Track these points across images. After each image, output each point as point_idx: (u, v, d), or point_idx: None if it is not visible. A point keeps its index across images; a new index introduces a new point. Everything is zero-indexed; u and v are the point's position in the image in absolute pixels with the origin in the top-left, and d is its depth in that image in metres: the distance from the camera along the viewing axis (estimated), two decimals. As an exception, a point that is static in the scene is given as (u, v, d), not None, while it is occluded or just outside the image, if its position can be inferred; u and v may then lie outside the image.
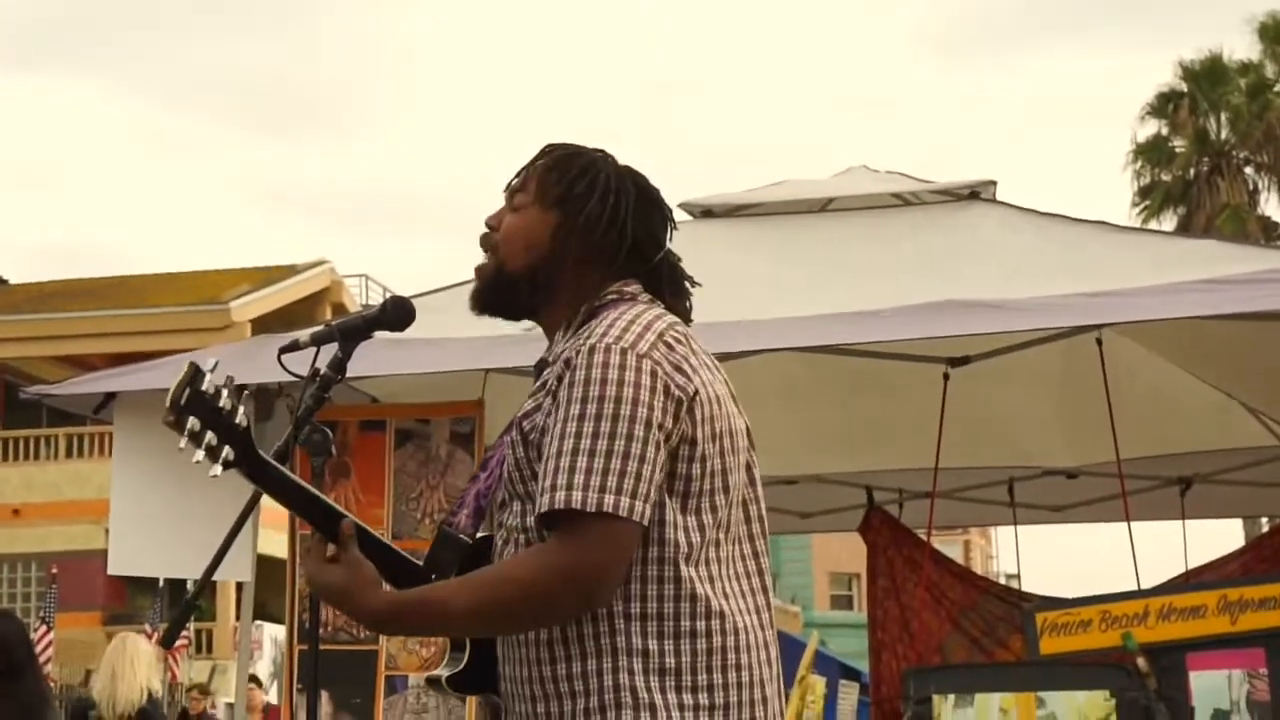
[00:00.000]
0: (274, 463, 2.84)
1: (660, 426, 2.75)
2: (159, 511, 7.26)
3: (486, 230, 3.06)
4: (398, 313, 3.11)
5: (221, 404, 2.80)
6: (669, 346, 2.82)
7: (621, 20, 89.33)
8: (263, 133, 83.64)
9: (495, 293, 3.04)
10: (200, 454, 2.79)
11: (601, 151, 3.08)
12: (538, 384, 2.91)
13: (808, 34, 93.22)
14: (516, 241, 3.01)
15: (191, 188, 74.78)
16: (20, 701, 7.23)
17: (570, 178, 3.00)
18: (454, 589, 2.80)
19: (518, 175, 3.07)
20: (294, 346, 3.07)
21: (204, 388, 2.79)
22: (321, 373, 3.00)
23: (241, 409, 2.82)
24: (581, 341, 2.81)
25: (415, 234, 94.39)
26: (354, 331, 3.05)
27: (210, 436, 2.78)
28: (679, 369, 2.81)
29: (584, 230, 2.97)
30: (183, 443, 2.78)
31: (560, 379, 2.80)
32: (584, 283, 2.98)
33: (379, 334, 3.11)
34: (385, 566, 2.87)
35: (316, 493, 2.86)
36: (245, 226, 79.17)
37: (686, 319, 3.01)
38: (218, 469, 2.79)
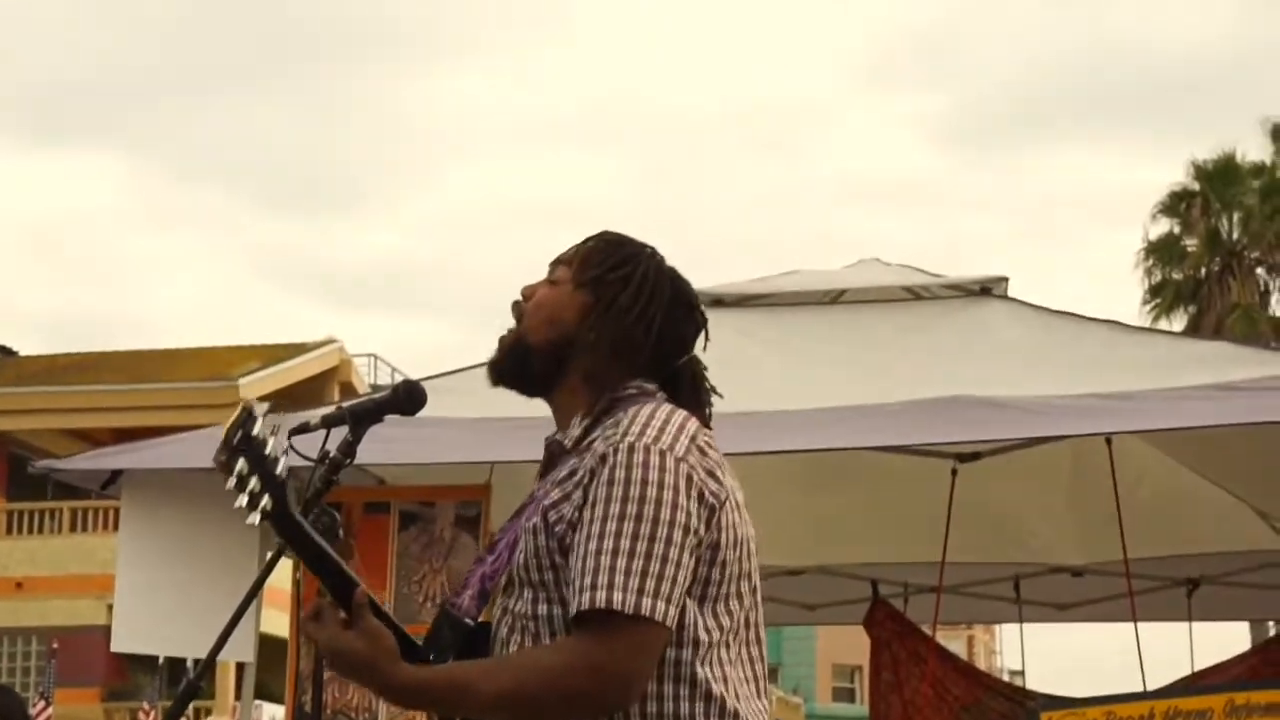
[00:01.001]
0: (303, 522, 2.84)
1: (695, 533, 2.75)
2: (163, 589, 7.24)
3: (520, 298, 3.07)
4: (409, 397, 3.10)
5: (268, 451, 2.79)
6: (701, 452, 2.83)
7: (630, 103, 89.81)
8: (275, 209, 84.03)
9: (512, 362, 3.04)
10: (243, 499, 2.78)
11: (650, 247, 3.09)
12: (564, 473, 2.88)
13: (812, 123, 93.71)
14: (543, 314, 3.01)
15: (202, 262, 75.05)
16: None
17: (610, 264, 3.01)
18: (481, 671, 2.78)
19: (565, 251, 3.08)
20: (304, 429, 3.07)
21: (255, 432, 2.79)
22: (331, 455, 3.00)
23: (283, 460, 2.82)
24: (618, 438, 2.80)
25: (425, 314, 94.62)
26: (365, 415, 3.05)
27: (254, 483, 2.78)
28: (711, 474, 2.81)
29: (612, 318, 2.97)
30: (231, 483, 2.77)
31: (593, 474, 2.79)
32: (602, 370, 2.97)
33: (389, 416, 3.11)
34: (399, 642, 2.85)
35: (336, 557, 2.85)
36: (255, 303, 79.37)
37: (705, 426, 2.99)
38: (255, 517, 2.78)
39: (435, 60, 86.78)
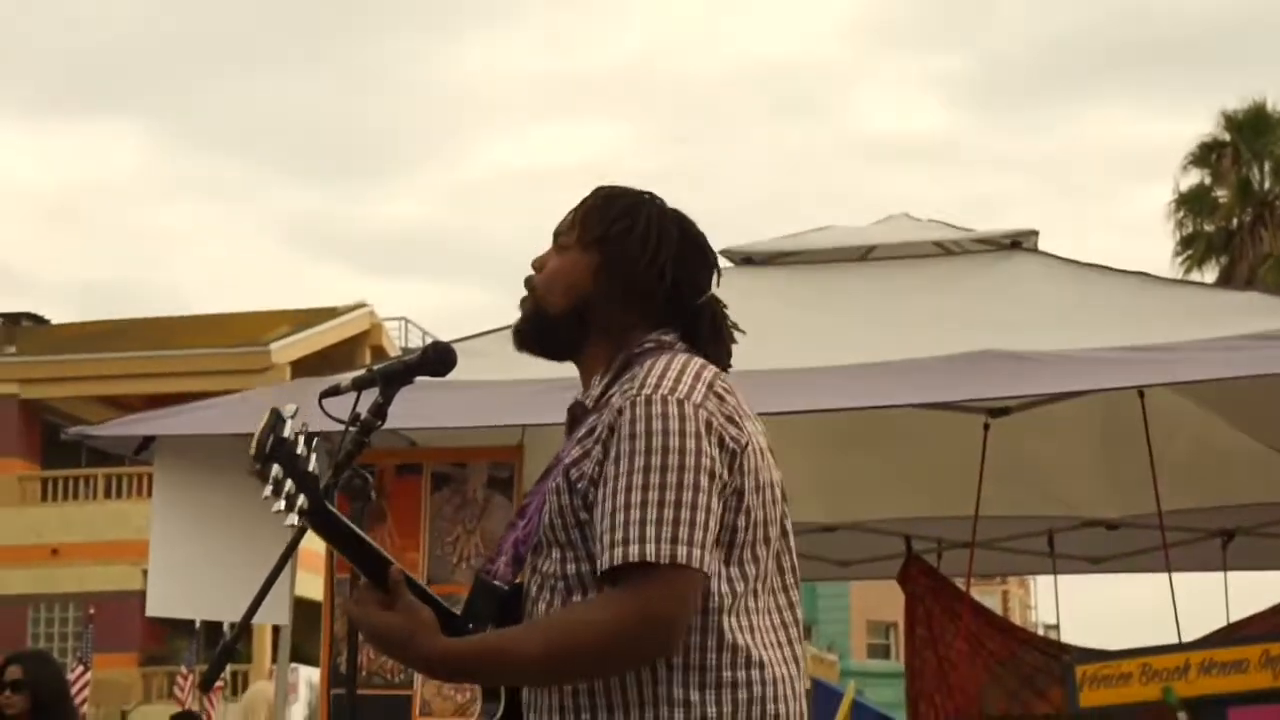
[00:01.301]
0: (338, 513, 2.84)
1: (718, 476, 2.75)
2: (197, 554, 7.27)
3: (531, 272, 3.07)
4: (439, 358, 3.10)
5: (299, 451, 2.80)
6: (720, 398, 2.82)
7: (653, 67, 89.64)
8: (304, 175, 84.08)
9: (536, 332, 3.05)
10: (280, 504, 2.78)
11: (648, 194, 3.08)
12: (583, 431, 2.89)
13: (843, 81, 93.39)
14: (557, 282, 3.01)
15: (232, 229, 75.18)
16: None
17: (611, 218, 3.01)
18: (522, 634, 2.79)
19: (565, 218, 3.08)
20: (335, 391, 3.07)
21: (285, 435, 2.80)
22: (362, 418, 3.00)
23: (314, 457, 2.82)
24: (634, 391, 2.79)
25: (456, 277, 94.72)
26: (395, 376, 3.04)
27: (289, 485, 2.78)
28: (731, 420, 2.81)
29: (623, 271, 2.97)
30: (267, 491, 2.78)
31: (613, 429, 2.79)
32: (623, 324, 2.98)
33: (419, 378, 3.11)
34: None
35: (370, 540, 2.85)
36: (285, 268, 79.52)
37: (725, 368, 2.99)
38: (294, 518, 2.79)
39: (460, 27, 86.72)
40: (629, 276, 2.97)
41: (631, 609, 2.68)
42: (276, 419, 2.81)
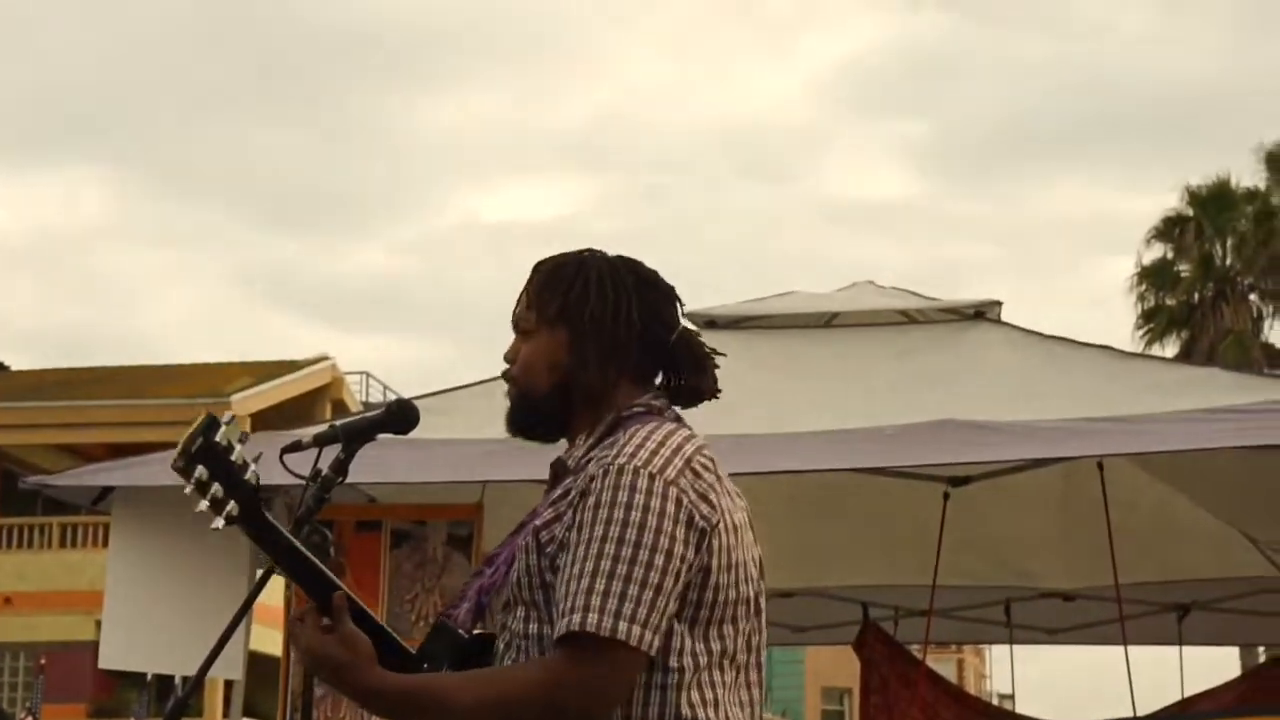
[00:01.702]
0: (278, 525, 2.82)
1: (682, 558, 2.73)
2: (152, 606, 7.23)
3: (506, 366, 3.06)
4: (402, 416, 3.10)
5: (233, 458, 2.78)
6: (695, 474, 2.80)
7: (620, 127, 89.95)
8: (266, 227, 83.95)
9: (527, 417, 3.03)
10: (204, 504, 2.76)
11: (588, 251, 3.07)
12: (558, 493, 2.88)
13: (810, 145, 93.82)
14: (537, 367, 2.99)
15: (196, 278, 74.97)
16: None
17: (563, 286, 2.99)
18: (458, 683, 2.78)
19: (518, 304, 3.06)
20: (296, 447, 3.06)
21: (217, 439, 2.77)
22: (323, 474, 2.99)
23: (253, 466, 2.80)
24: (609, 460, 2.78)
25: (419, 332, 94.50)
26: (357, 433, 3.04)
27: (217, 489, 2.75)
28: (704, 498, 2.79)
29: (594, 336, 2.95)
30: (188, 489, 2.75)
31: (584, 494, 2.78)
32: (606, 384, 2.96)
33: (381, 435, 3.11)
34: (383, 648, 2.84)
35: (315, 561, 2.83)
36: (248, 319, 79.29)
37: (713, 396, 3.00)
38: (220, 522, 2.76)
39: (428, 82, 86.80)
40: (600, 337, 2.95)
41: (564, 678, 2.68)
42: (209, 422, 2.78)
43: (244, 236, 77.44)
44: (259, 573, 2.90)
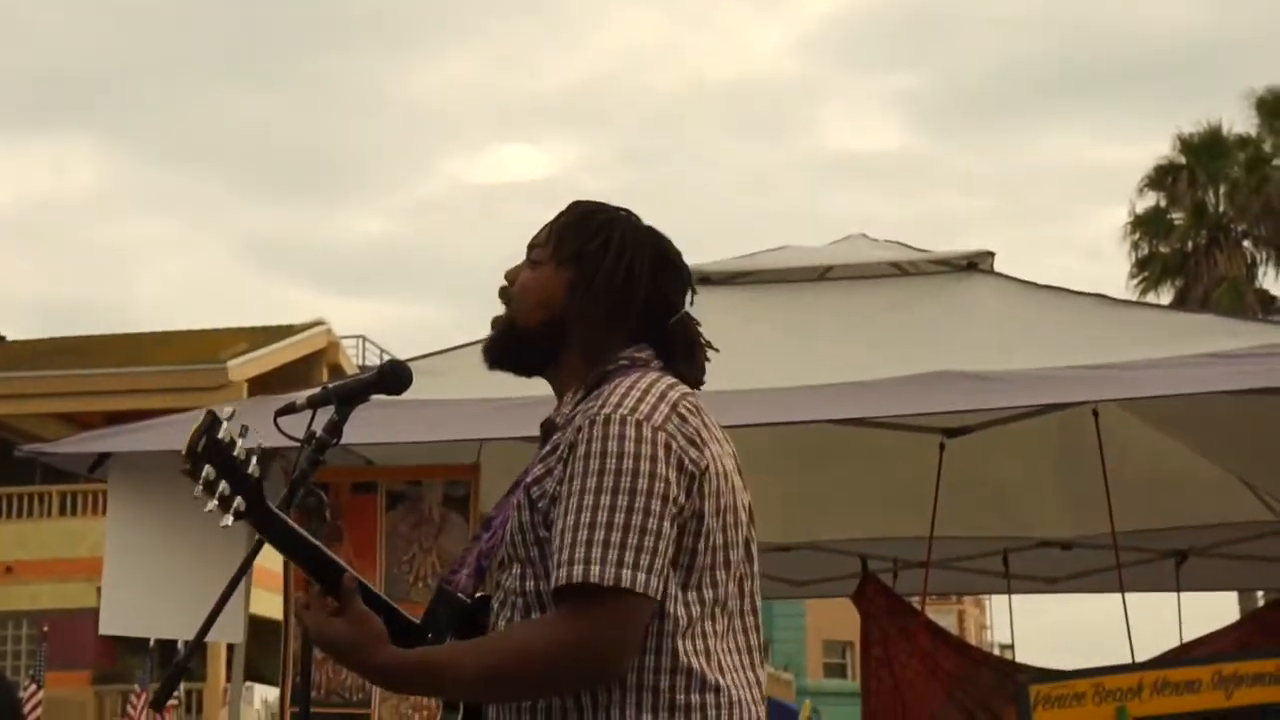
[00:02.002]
0: (282, 515, 2.83)
1: (674, 501, 2.73)
2: (152, 572, 7.24)
3: (504, 284, 3.07)
4: (395, 377, 3.10)
5: (236, 453, 2.78)
6: (682, 418, 2.81)
7: (612, 86, 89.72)
8: (260, 194, 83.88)
9: (507, 347, 3.04)
10: (213, 503, 2.76)
11: (624, 210, 3.08)
12: (547, 449, 2.89)
13: (803, 100, 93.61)
14: (531, 298, 3.00)
15: (190, 246, 74.91)
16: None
17: (586, 234, 3.00)
18: (464, 653, 2.78)
19: (539, 232, 3.07)
20: (290, 409, 3.06)
21: (220, 436, 2.78)
22: (317, 436, 2.99)
23: (254, 460, 2.81)
24: (595, 411, 2.79)
25: (413, 295, 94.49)
26: (351, 395, 3.04)
27: (224, 486, 2.76)
28: (692, 442, 2.79)
29: (598, 288, 2.96)
30: (197, 491, 2.75)
31: (572, 447, 2.78)
32: (596, 342, 2.97)
33: (376, 396, 3.11)
34: (385, 622, 2.85)
35: (320, 546, 2.85)
36: (243, 286, 79.25)
37: (698, 385, 3.00)
38: (229, 519, 2.77)
39: (420, 45, 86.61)
40: (604, 293, 2.96)
41: (572, 633, 2.68)
42: (212, 420, 2.79)
43: (236, 204, 77.36)
44: (256, 536, 2.91)
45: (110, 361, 34.19)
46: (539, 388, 3.11)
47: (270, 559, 2.90)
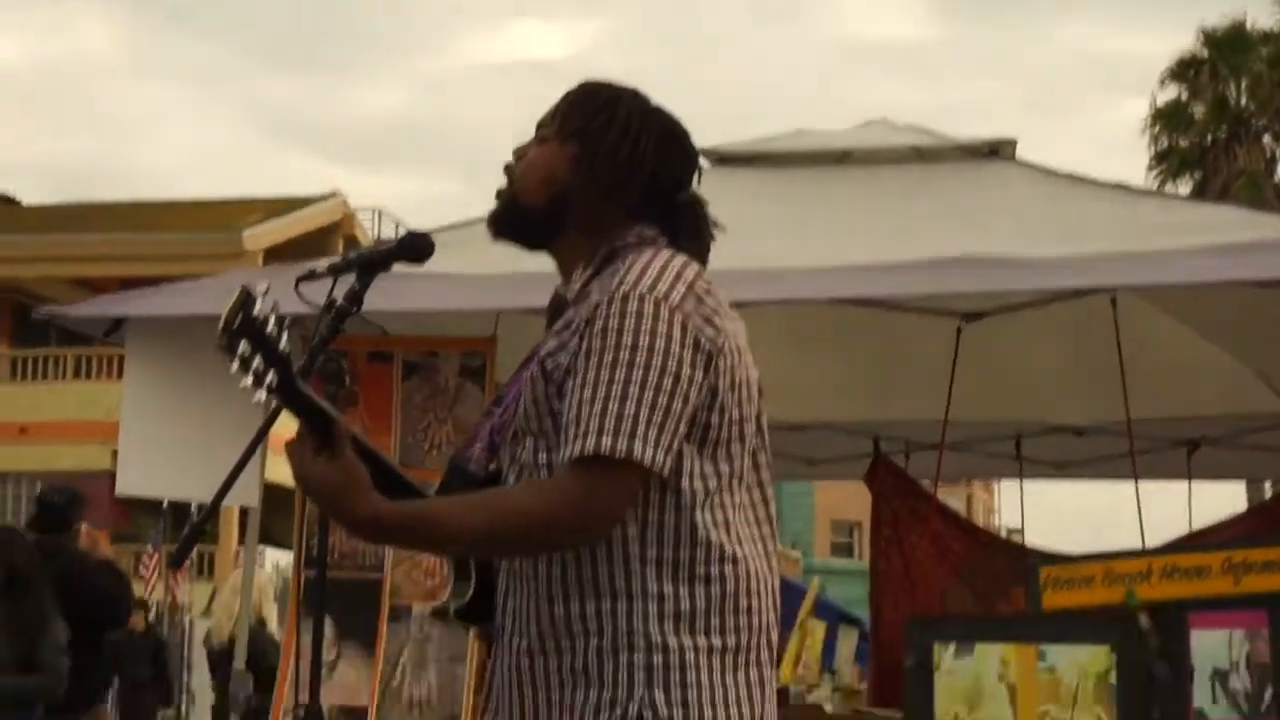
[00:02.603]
0: (310, 392, 2.82)
1: (690, 380, 2.76)
2: (168, 435, 7.28)
3: (512, 159, 3.07)
4: (416, 246, 3.09)
5: (269, 330, 2.78)
6: (698, 299, 2.83)
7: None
8: (277, 64, 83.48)
9: (510, 220, 3.05)
10: (248, 379, 2.76)
11: (631, 89, 3.07)
12: (561, 323, 2.91)
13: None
14: (535, 173, 3.02)
15: (206, 114, 74.66)
16: (24, 614, 7.30)
17: (591, 111, 3.00)
18: (458, 506, 2.80)
19: (550, 109, 3.07)
20: (311, 276, 3.07)
21: (255, 313, 2.77)
22: (338, 304, 2.99)
23: (285, 335, 2.80)
24: (613, 287, 2.80)
25: (430, 169, 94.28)
26: (372, 263, 3.04)
27: (258, 362, 2.75)
28: (708, 321, 2.82)
29: (603, 164, 2.96)
30: (234, 367, 2.75)
31: (589, 322, 2.80)
32: (601, 219, 2.98)
33: (395, 267, 3.11)
34: (383, 480, 2.85)
35: (339, 416, 2.84)
36: (258, 156, 79.11)
37: (702, 264, 3.00)
38: (261, 394, 2.77)
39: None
40: (608, 168, 2.96)
41: (569, 499, 2.72)
42: (246, 297, 2.78)
43: (254, 74, 76.98)
44: (274, 403, 2.92)
45: (126, 228, 34.20)
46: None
47: (286, 424, 2.90)
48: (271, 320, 2.78)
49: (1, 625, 7.25)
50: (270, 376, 2.76)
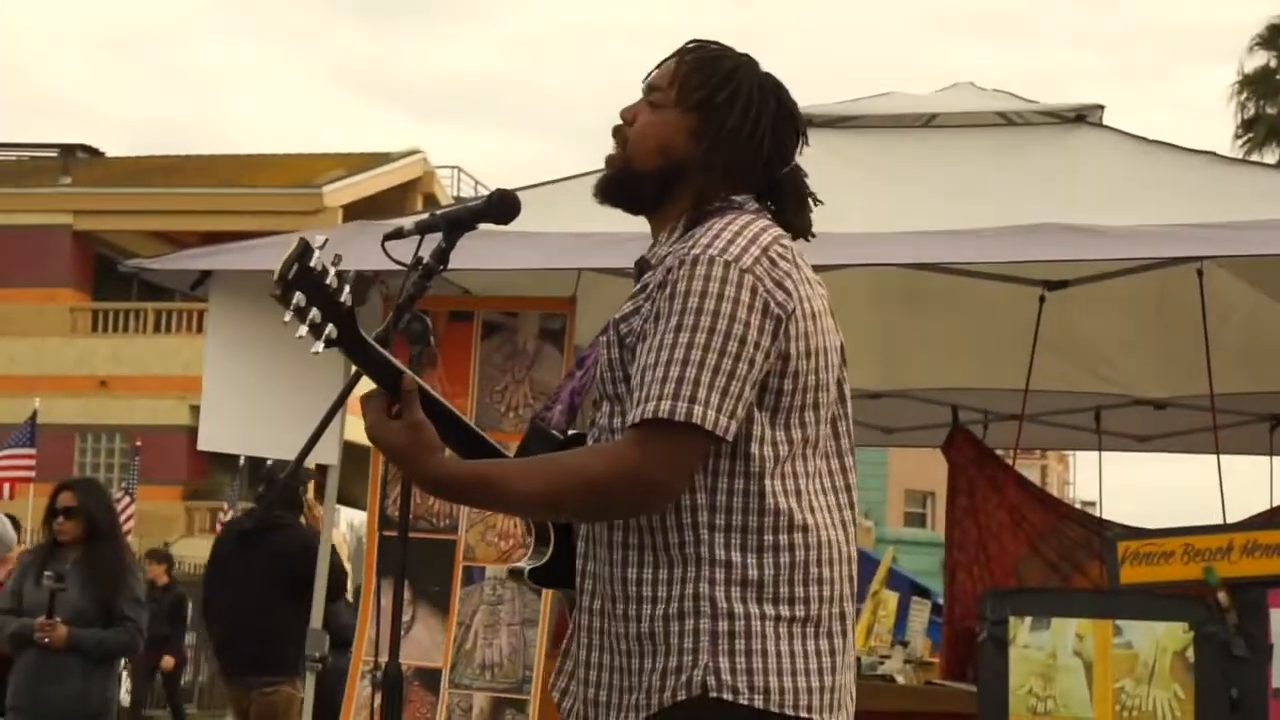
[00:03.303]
0: (374, 344, 2.82)
1: (757, 345, 2.74)
2: (249, 390, 7.31)
3: (621, 122, 3.03)
4: (503, 206, 3.09)
5: (328, 281, 2.76)
6: (772, 262, 2.80)
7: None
8: (358, 19, 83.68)
9: (621, 187, 3.02)
10: (304, 329, 2.75)
11: (746, 57, 3.04)
12: (638, 286, 2.90)
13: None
14: (650, 141, 2.98)
15: (286, 69, 74.98)
16: (103, 564, 7.37)
17: (714, 83, 2.96)
18: (521, 467, 2.81)
19: (658, 68, 3.04)
20: (398, 234, 3.07)
21: (312, 264, 2.76)
22: (425, 262, 2.99)
23: (347, 288, 2.79)
24: (685, 251, 2.79)
25: (508, 128, 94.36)
26: (459, 222, 3.03)
27: (315, 314, 2.74)
28: (780, 285, 2.79)
29: (724, 140, 2.93)
30: (287, 317, 2.74)
31: (661, 286, 2.79)
32: (712, 190, 2.95)
33: (479, 226, 3.10)
34: (456, 437, 2.86)
35: (406, 371, 2.84)
36: (338, 112, 79.40)
37: (806, 235, 2.99)
38: (320, 345, 2.76)
39: None
40: (728, 145, 2.94)
41: (627, 464, 2.71)
42: (304, 248, 2.76)
43: (333, 29, 77.19)
44: (347, 361, 2.91)
45: (208, 182, 34.47)
46: (640, 224, 3.10)
47: (365, 385, 2.90)
48: (332, 273, 2.77)
49: (83, 576, 7.32)
50: (329, 329, 2.76)
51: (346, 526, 21.92)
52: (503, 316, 7.40)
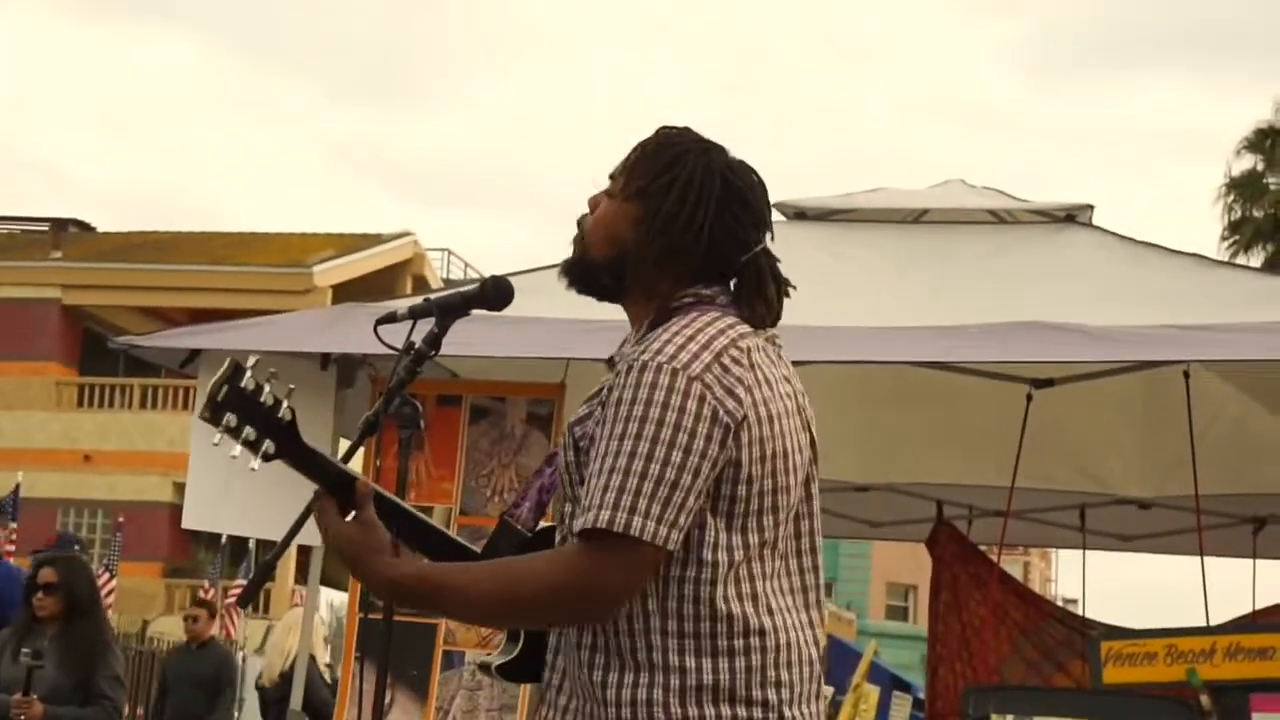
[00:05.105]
0: (319, 451, 2.85)
1: (703, 455, 2.71)
2: (235, 469, 7.28)
3: (586, 209, 3.04)
4: (497, 293, 3.11)
5: (263, 399, 2.80)
6: (724, 368, 2.77)
7: (712, 10, 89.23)
8: (349, 99, 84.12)
9: (581, 274, 3.01)
10: (238, 448, 2.80)
11: (701, 144, 2.98)
12: (596, 389, 2.90)
13: (895, 44, 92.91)
14: (600, 229, 2.98)
15: (275, 148, 75.30)
16: (82, 641, 7.32)
17: (655, 170, 2.94)
18: (470, 573, 2.80)
19: (623, 159, 3.02)
20: (391, 318, 3.09)
21: (243, 384, 2.80)
22: (416, 347, 3.00)
23: (285, 403, 2.82)
24: (635, 356, 2.78)
25: (497, 212, 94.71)
26: (452, 308, 3.06)
27: (249, 431, 2.79)
28: (730, 393, 2.75)
29: (660, 226, 2.91)
30: (216, 438, 2.80)
31: (610, 391, 2.78)
32: (662, 280, 2.93)
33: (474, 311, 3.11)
34: (424, 541, 2.89)
35: (360, 476, 2.87)
36: (327, 190, 79.66)
37: (772, 323, 2.95)
38: (256, 461, 2.81)
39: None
40: (660, 234, 2.90)
41: (574, 575, 2.71)
42: (234, 369, 2.81)
43: (324, 109, 77.58)
44: (343, 443, 2.93)
45: (198, 259, 34.52)
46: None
47: (355, 466, 2.92)
48: (267, 389, 2.80)
49: (61, 652, 7.28)
50: (266, 444, 2.79)
51: (326, 606, 21.81)
52: (491, 401, 7.41)
